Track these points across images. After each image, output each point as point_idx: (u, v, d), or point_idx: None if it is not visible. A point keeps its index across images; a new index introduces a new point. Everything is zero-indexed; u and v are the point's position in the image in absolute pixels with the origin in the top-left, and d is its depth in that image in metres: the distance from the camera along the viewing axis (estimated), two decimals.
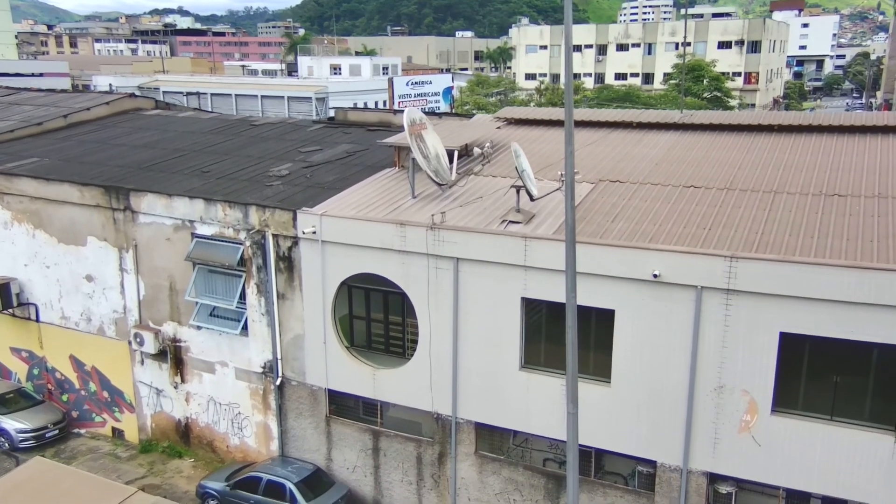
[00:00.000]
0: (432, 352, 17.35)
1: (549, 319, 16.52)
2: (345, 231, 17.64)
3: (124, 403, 22.49)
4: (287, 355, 19.35)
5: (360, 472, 19.14)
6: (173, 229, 20.07)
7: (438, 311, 17.06)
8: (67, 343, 22.87)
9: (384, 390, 18.28)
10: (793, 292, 13.53)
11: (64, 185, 21.34)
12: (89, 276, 21.82)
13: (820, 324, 13.50)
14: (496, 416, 17.06)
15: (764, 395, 14.28)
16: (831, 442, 13.94)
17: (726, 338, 14.33)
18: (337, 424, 19.20)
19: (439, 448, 17.94)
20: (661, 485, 15.65)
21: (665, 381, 15.07)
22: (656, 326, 14.91)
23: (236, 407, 20.50)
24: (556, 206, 17.23)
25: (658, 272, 14.48)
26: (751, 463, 14.66)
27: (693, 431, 15.02)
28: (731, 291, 14.07)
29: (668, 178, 18.26)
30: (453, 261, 16.53)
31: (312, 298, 18.49)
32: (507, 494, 17.35)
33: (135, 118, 30.56)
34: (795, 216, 15.55)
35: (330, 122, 28.91)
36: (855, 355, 13.79)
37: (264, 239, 18.75)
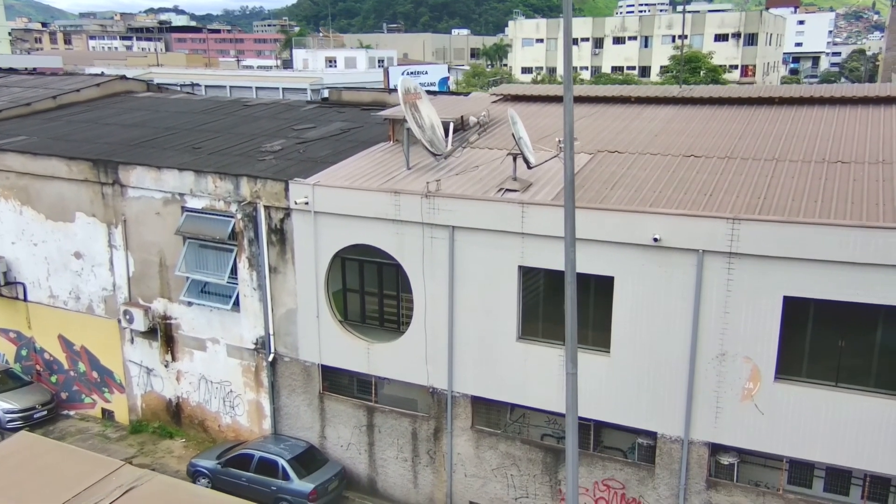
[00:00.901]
0: (427, 324, 16.98)
1: (546, 289, 16.16)
2: (338, 201, 17.26)
3: (114, 383, 22.07)
4: (279, 331, 18.96)
5: (354, 449, 18.75)
6: (163, 203, 19.65)
7: (433, 282, 16.68)
8: (56, 322, 22.44)
9: (378, 365, 17.89)
10: (796, 254, 13.19)
11: (52, 160, 20.91)
12: (78, 254, 21.38)
13: (824, 286, 13.16)
14: (493, 390, 16.69)
15: (767, 362, 13.94)
16: (836, 409, 13.61)
17: (728, 303, 13.99)
18: (330, 401, 18.81)
19: (435, 423, 17.57)
20: (662, 456, 15.30)
21: (666, 349, 14.72)
22: (656, 293, 14.56)
23: (228, 385, 20.10)
24: (553, 176, 16.87)
25: (658, 236, 14.12)
26: (753, 432, 14.32)
27: (694, 400, 14.67)
28: (733, 255, 13.72)
29: (668, 148, 17.91)
30: (448, 229, 16.16)
31: (305, 271, 18.10)
32: (505, 469, 16.99)
33: (126, 100, 30.10)
34: (798, 182, 15.21)
35: (324, 102, 28.53)
36: (860, 318, 13.45)
37: (256, 211, 18.35)
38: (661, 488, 15.44)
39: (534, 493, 16.77)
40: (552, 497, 16.58)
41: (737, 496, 14.77)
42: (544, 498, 16.67)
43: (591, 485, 16.09)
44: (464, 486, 17.57)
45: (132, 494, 14.21)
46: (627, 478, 15.74)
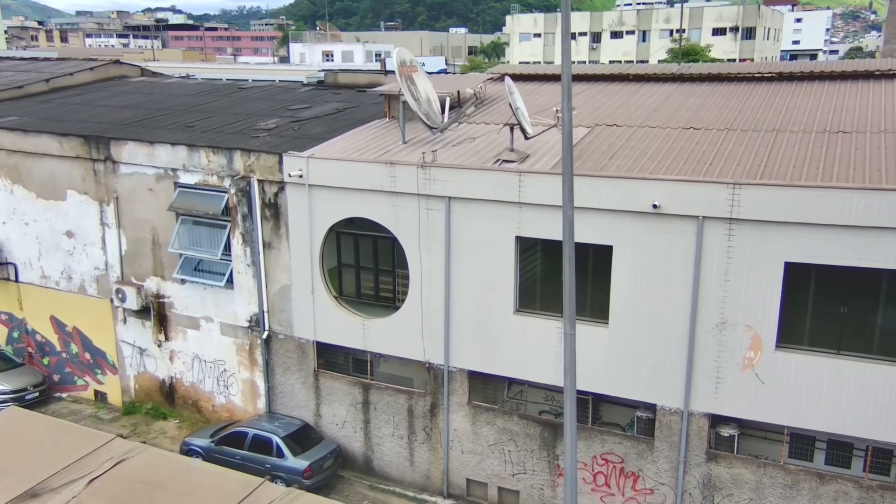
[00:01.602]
0: (423, 298, 16.74)
1: (544, 260, 15.93)
2: (333, 173, 17.02)
3: (107, 365, 21.80)
4: (274, 307, 18.71)
5: (349, 427, 18.51)
6: (155, 179, 19.40)
7: (430, 255, 16.45)
8: (48, 303, 22.17)
9: (374, 341, 17.65)
10: (798, 218, 12.98)
11: (42, 137, 20.64)
12: (69, 232, 21.11)
13: (827, 251, 12.95)
14: (490, 364, 16.46)
15: (768, 330, 13.73)
16: (838, 377, 13.40)
17: (729, 270, 13.77)
18: (326, 378, 18.57)
19: (431, 399, 17.33)
20: (661, 429, 15.09)
21: (665, 319, 14.51)
22: (656, 261, 14.35)
23: (222, 364, 19.85)
24: (551, 147, 16.64)
25: (658, 202, 13.91)
26: (754, 402, 14.11)
27: (694, 371, 14.46)
28: (733, 220, 13.50)
29: (667, 121, 17.69)
30: (445, 200, 15.93)
31: (299, 246, 17.85)
32: (502, 445, 16.75)
33: (120, 84, 29.84)
34: (799, 151, 15.00)
35: (319, 84, 28.27)
36: (863, 284, 13.23)
37: (249, 185, 18.10)
38: (660, 461, 15.22)
39: (531, 469, 16.55)
40: (550, 472, 16.35)
41: (737, 468, 14.56)
42: (542, 473, 16.45)
43: (589, 459, 15.87)
44: (460, 462, 17.33)
45: (123, 466, 13.96)
46: (626, 451, 15.52)
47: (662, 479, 15.29)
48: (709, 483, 14.84)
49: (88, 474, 13.69)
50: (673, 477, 15.16)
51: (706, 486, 14.88)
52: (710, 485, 14.83)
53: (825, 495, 13.92)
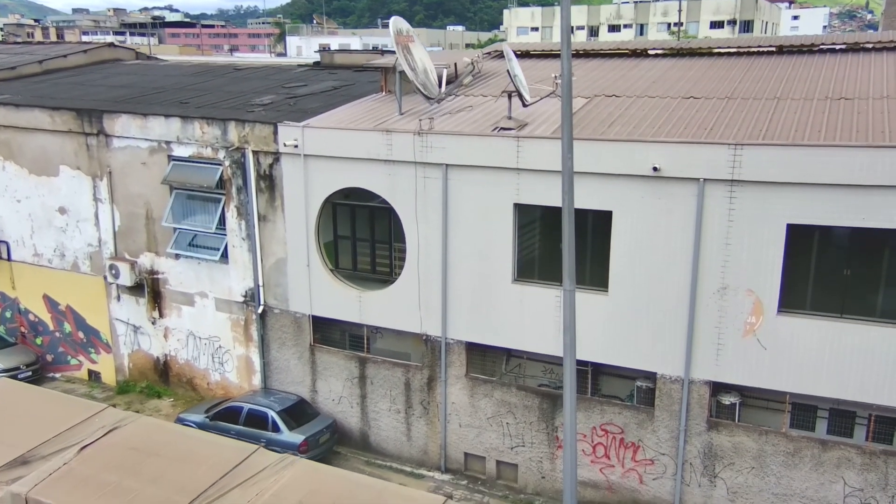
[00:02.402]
0: (420, 269, 16.53)
1: (542, 228, 15.72)
2: (328, 143, 16.80)
3: (100, 343, 21.55)
4: (269, 282, 18.49)
5: (346, 402, 18.29)
6: (149, 152, 19.16)
7: (426, 225, 16.23)
8: (41, 282, 21.91)
9: (371, 314, 17.44)
10: (801, 179, 12.79)
11: (34, 111, 20.38)
12: (62, 209, 20.86)
13: (829, 212, 12.76)
14: (488, 335, 16.25)
15: (770, 295, 13.54)
16: (841, 341, 13.20)
17: (730, 233, 13.57)
18: (322, 353, 18.35)
19: (428, 372, 17.12)
20: (662, 398, 14.89)
21: (665, 285, 14.31)
22: (656, 226, 14.14)
23: (217, 340, 19.61)
24: (549, 116, 16.43)
25: (658, 165, 13.71)
26: (756, 369, 13.92)
27: (695, 338, 14.26)
28: (735, 182, 13.30)
29: (666, 91, 17.48)
30: (442, 168, 15.71)
31: (295, 218, 17.63)
32: (500, 418, 16.55)
33: (114, 66, 29.55)
34: (801, 116, 14.80)
35: (316, 65, 28.03)
36: (866, 245, 13.05)
37: (244, 157, 17.88)
38: (660, 431, 15.03)
39: (530, 442, 16.34)
40: (549, 444, 16.15)
41: (739, 436, 14.37)
42: (541, 446, 16.24)
43: (588, 430, 15.67)
44: (458, 436, 17.12)
45: (115, 434, 13.73)
46: (626, 421, 15.33)
47: (663, 450, 15.09)
48: (710, 452, 14.64)
49: (80, 442, 13.46)
50: (673, 447, 14.97)
51: (707, 455, 14.68)
52: (711, 454, 14.64)
53: (828, 462, 13.74)
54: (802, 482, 13.99)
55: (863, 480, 13.53)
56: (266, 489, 12.07)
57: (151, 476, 12.48)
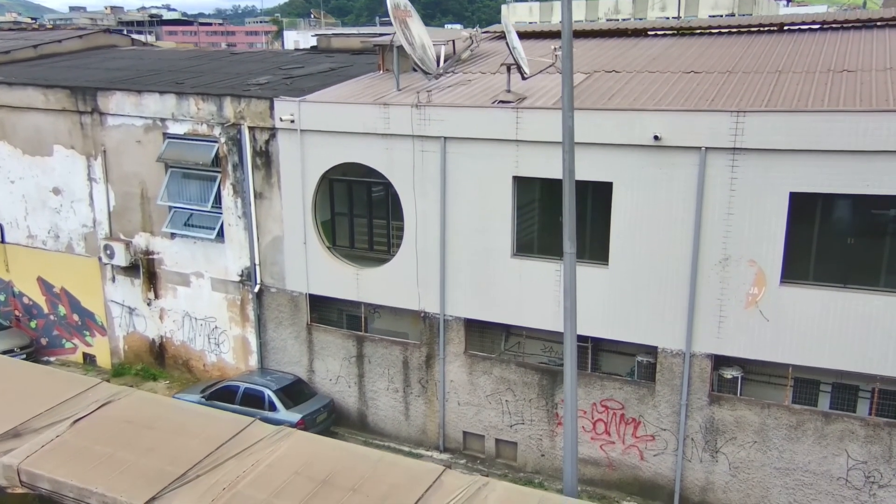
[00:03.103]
0: (418, 244, 16.34)
1: (542, 201, 15.54)
2: (325, 117, 16.61)
3: (95, 326, 21.34)
4: (265, 260, 18.29)
5: (343, 382, 18.10)
6: (144, 130, 18.94)
7: (425, 199, 16.04)
8: (35, 264, 21.69)
9: (368, 292, 17.25)
10: (804, 146, 12.62)
11: (27, 90, 20.16)
12: (56, 189, 20.65)
13: (833, 179, 12.58)
14: (487, 311, 16.07)
15: (772, 265, 13.37)
16: (845, 311, 13.03)
17: (732, 203, 13.40)
18: (319, 332, 18.15)
19: (427, 350, 16.93)
20: (663, 372, 14.71)
21: (666, 256, 14.13)
22: (657, 197, 13.97)
23: (213, 321, 19.41)
24: (548, 91, 16.25)
25: (659, 134, 13.53)
26: (758, 341, 13.74)
27: (696, 310, 14.09)
28: (737, 150, 13.13)
29: (667, 67, 17.31)
30: (440, 141, 15.52)
31: (292, 195, 17.43)
32: (499, 395, 16.37)
33: (109, 51, 29.33)
34: (803, 87, 14.63)
35: (313, 49, 27.84)
36: (870, 213, 12.89)
37: (240, 133, 17.67)
38: (661, 406, 14.86)
39: (529, 419, 16.16)
40: (549, 421, 15.97)
41: (741, 410, 14.20)
42: (540, 423, 16.07)
43: (588, 406, 15.49)
44: (457, 415, 16.94)
45: (109, 408, 13.52)
46: (627, 397, 15.15)
47: (664, 425, 14.92)
48: (711, 427, 14.48)
49: (73, 416, 13.25)
50: (675, 422, 14.80)
51: (709, 430, 14.51)
52: (712, 428, 14.47)
53: (831, 435, 13.57)
54: (805, 456, 13.83)
55: (866, 453, 13.37)
56: (262, 460, 11.87)
57: (145, 448, 12.28)
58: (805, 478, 13.90)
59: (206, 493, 11.21)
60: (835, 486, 13.72)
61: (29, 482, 12.02)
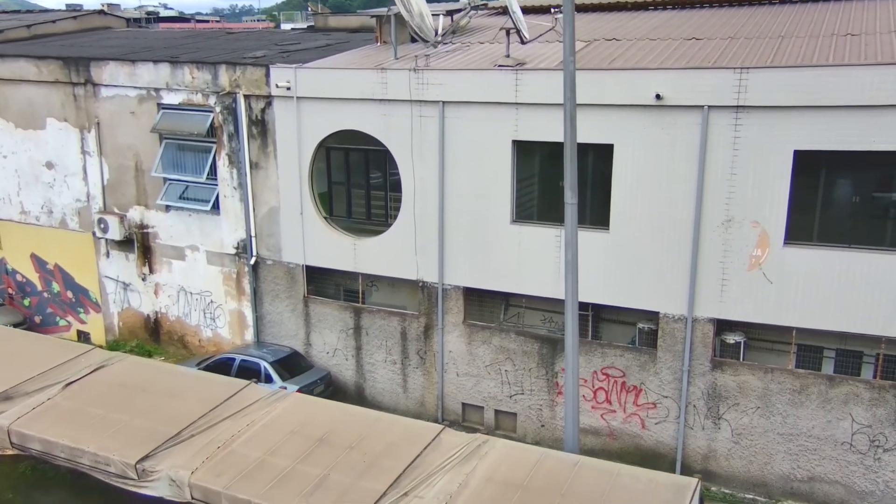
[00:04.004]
0: (417, 212, 16.12)
1: (542, 166, 15.32)
2: (322, 84, 16.38)
3: (89, 303, 21.09)
4: (261, 232, 18.05)
5: (340, 355, 17.89)
6: (138, 101, 18.69)
7: (423, 165, 15.83)
8: (28, 240, 21.42)
9: (366, 262, 17.03)
10: (808, 102, 12.41)
11: (19, 62, 19.90)
12: (50, 163, 20.39)
13: (838, 135, 12.38)
14: (486, 279, 15.85)
15: (776, 226, 13.16)
16: (850, 271, 12.82)
17: (735, 163, 13.20)
18: (316, 305, 17.93)
19: (425, 320, 16.72)
20: (665, 338, 14.51)
21: (668, 219, 13.93)
22: (659, 158, 13.76)
23: (208, 295, 19.18)
24: (547, 56, 16.01)
25: (661, 93, 13.32)
26: (761, 304, 13.54)
27: (698, 273, 13.88)
28: (740, 108, 12.92)
29: (668, 35, 17.10)
30: (439, 105, 15.30)
31: (288, 164, 17.20)
32: (498, 365, 16.16)
33: (104, 32, 29.05)
34: (807, 50, 14.41)
35: (310, 29, 27.59)
36: (876, 170, 12.67)
37: (235, 102, 17.43)
38: (663, 373, 14.66)
39: (529, 389, 15.96)
40: (549, 391, 15.77)
41: (744, 375, 14.00)
42: (540, 393, 15.87)
43: (589, 375, 15.29)
44: (456, 386, 16.73)
45: (102, 372, 13.35)
46: (628, 364, 14.95)
47: (665, 392, 14.73)
48: (714, 393, 14.28)
49: (65, 380, 13.07)
50: (676, 389, 14.60)
51: (711, 396, 14.32)
52: (715, 395, 14.28)
53: (835, 399, 13.39)
54: (809, 420, 13.64)
55: (871, 416, 13.18)
56: (257, 420, 11.69)
57: (139, 410, 12.10)
58: (809, 443, 13.72)
59: (200, 452, 11.05)
60: (839, 450, 13.54)
61: (19, 443, 11.83)
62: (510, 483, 9.90)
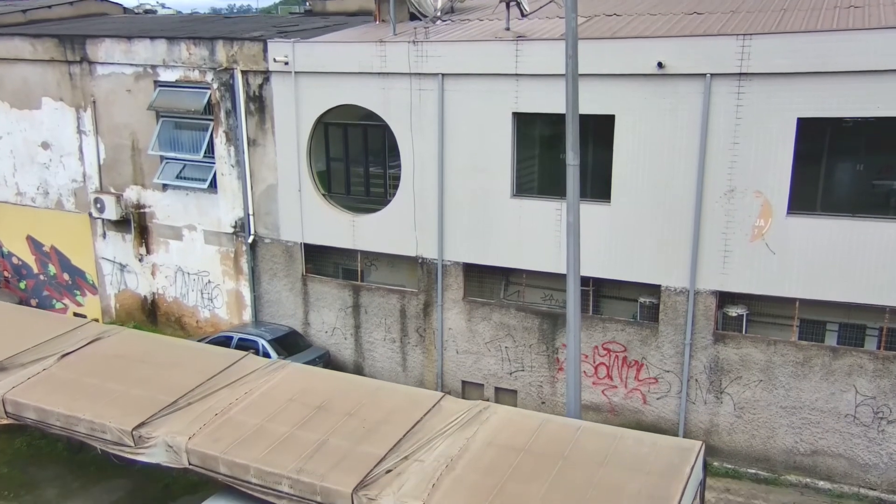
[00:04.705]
0: (416, 187, 15.99)
1: (542, 138, 15.18)
2: (320, 58, 16.23)
3: (86, 285, 20.92)
4: (259, 210, 17.90)
5: (339, 334, 17.74)
6: (134, 78, 18.52)
7: (422, 139, 15.68)
8: (24, 222, 21.25)
9: (365, 239, 16.88)
10: (813, 68, 12.27)
11: (14, 40, 19.73)
12: (45, 144, 20.21)
13: (842, 102, 12.25)
14: (486, 255, 15.72)
15: (779, 196, 13.04)
16: (854, 240, 12.69)
17: (738, 132, 13.07)
18: (314, 283, 17.78)
19: (424, 298, 16.58)
20: (666, 312, 14.39)
21: (670, 190, 13.79)
22: (660, 129, 13.63)
23: (206, 275, 19.02)
24: (547, 30, 15.88)
25: (663, 61, 13.18)
26: (764, 275, 13.42)
27: (701, 245, 13.75)
28: (743, 76, 12.79)
29: (669, 10, 16.96)
30: (438, 78, 15.15)
31: (286, 141, 17.05)
32: (499, 342, 16.03)
33: (101, 18, 28.84)
34: (809, 21, 14.27)
35: (307, 13, 27.40)
36: (881, 137, 12.54)
37: (233, 78, 17.28)
38: (664, 347, 14.53)
39: (530, 365, 15.83)
40: (549, 367, 15.64)
41: (746, 348, 13.88)
42: (541, 369, 15.74)
43: (590, 350, 15.15)
44: (455, 363, 16.60)
45: (99, 344, 13.20)
46: (629, 339, 14.83)
47: (667, 367, 14.60)
48: (716, 366, 14.16)
49: (60, 351, 12.91)
50: (678, 363, 14.48)
51: (713, 370, 14.20)
52: (717, 368, 14.16)
53: (839, 370, 13.26)
54: (812, 393, 13.52)
55: (875, 388, 13.07)
56: (255, 389, 11.54)
57: (136, 379, 11.95)
58: (812, 416, 13.60)
59: (198, 419, 10.90)
60: (842, 423, 13.43)
61: (14, 412, 11.67)
62: (512, 447, 9.77)
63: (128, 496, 13.01)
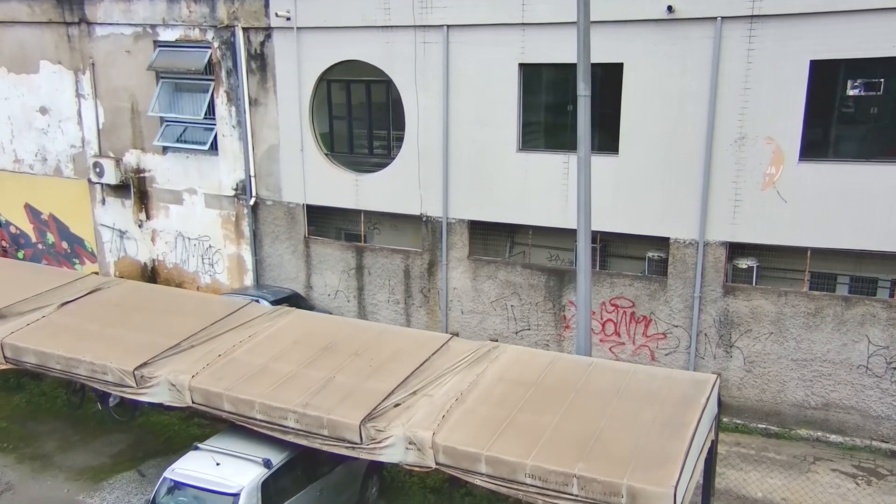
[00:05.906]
0: (420, 143, 15.75)
1: (549, 90, 14.95)
2: (323, 12, 15.96)
3: (85, 253, 20.68)
4: (261, 171, 17.67)
5: (342, 296, 17.52)
6: (133, 39, 18.26)
7: (427, 94, 15.44)
8: (22, 190, 20.98)
9: (368, 199, 16.65)
10: (826, 7, 12.03)
11: (11, 2, 19.38)
12: (43, 109, 19.94)
13: (857, 42, 12.02)
14: (492, 211, 15.49)
15: (791, 142, 12.83)
16: (868, 187, 12.48)
17: (749, 76, 12.84)
18: (317, 245, 17.55)
19: (429, 257, 16.36)
20: (675, 264, 14.17)
21: (679, 139, 13.57)
22: (670, 76, 13.40)
23: (206, 240, 18.78)
24: None
25: (673, 4, 12.95)
26: (775, 224, 13.20)
27: (710, 195, 13.54)
28: (755, 18, 12.56)
29: None
30: (443, 30, 14.92)
31: (288, 100, 16.80)
32: (504, 300, 15.81)
33: None
34: None
35: None
36: None
37: (234, 36, 17.02)
38: (673, 301, 14.32)
39: (536, 324, 15.62)
40: (556, 325, 15.44)
41: (756, 300, 13.67)
42: (547, 328, 15.53)
43: (597, 307, 14.93)
44: (460, 324, 16.37)
45: (99, 294, 12.98)
46: (637, 294, 14.61)
47: (676, 321, 14.39)
48: (726, 320, 13.95)
49: (60, 300, 12.68)
50: (687, 317, 14.27)
51: (723, 323, 13.99)
52: (727, 321, 13.95)
53: (851, 320, 13.06)
54: (824, 344, 13.32)
55: (889, 337, 12.87)
56: (259, 332, 11.33)
57: (137, 325, 11.73)
58: (823, 368, 13.41)
59: (201, 359, 10.70)
60: (854, 374, 13.23)
61: (13, 357, 11.44)
62: (523, 382, 9.57)
63: (129, 449, 12.79)
